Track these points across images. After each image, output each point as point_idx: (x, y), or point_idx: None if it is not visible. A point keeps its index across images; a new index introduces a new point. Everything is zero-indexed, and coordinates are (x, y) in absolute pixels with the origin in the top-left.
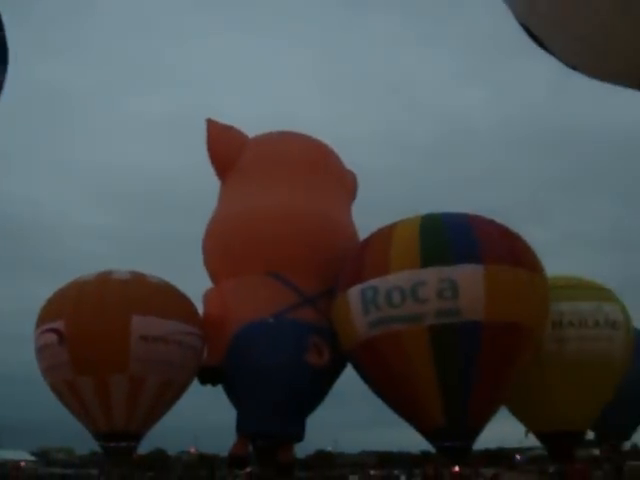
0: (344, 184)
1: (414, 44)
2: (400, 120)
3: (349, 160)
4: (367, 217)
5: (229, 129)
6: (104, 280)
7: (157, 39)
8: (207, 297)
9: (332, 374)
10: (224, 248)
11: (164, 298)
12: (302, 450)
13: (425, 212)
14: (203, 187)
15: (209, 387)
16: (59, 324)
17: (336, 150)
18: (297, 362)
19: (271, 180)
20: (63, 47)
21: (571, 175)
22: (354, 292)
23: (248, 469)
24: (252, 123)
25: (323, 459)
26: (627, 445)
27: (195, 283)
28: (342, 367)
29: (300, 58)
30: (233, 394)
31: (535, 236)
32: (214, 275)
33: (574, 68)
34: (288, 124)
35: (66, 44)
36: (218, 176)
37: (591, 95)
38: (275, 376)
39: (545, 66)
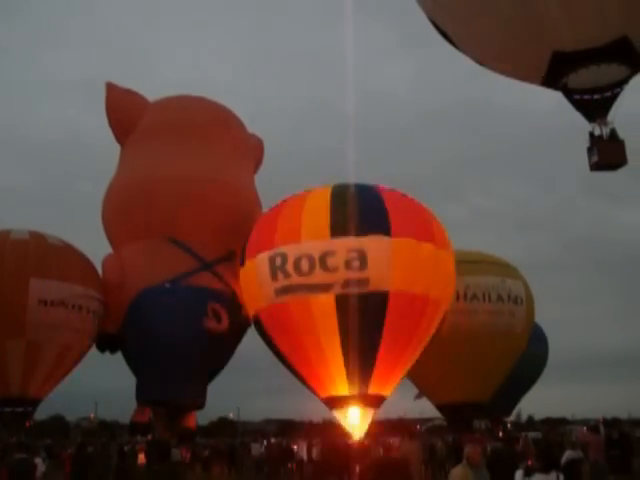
0: (246, 148)
1: (343, 17)
2: (324, 93)
3: (272, 132)
4: (287, 189)
5: (128, 93)
6: (2, 241)
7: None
8: (106, 263)
9: (232, 340)
10: (123, 213)
11: (64, 260)
12: (204, 417)
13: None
14: (111, 150)
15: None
16: None
17: (259, 122)
18: (195, 328)
19: (170, 145)
20: None
21: (485, 154)
22: (262, 258)
23: (150, 436)
24: (173, 90)
25: (225, 426)
26: (523, 418)
27: (99, 246)
28: (243, 333)
29: (228, 27)
30: (132, 361)
31: (447, 212)
32: (113, 240)
33: (481, 64)
34: (210, 93)
35: None
36: (117, 140)
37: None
38: (173, 343)
39: None
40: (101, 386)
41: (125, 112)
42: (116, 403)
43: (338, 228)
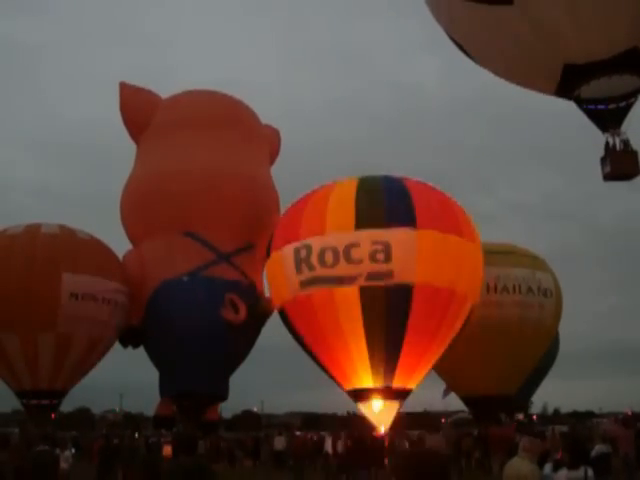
0: (259, 139)
1: (373, 13)
2: (354, 89)
3: (302, 127)
4: (318, 181)
5: (141, 92)
6: (33, 234)
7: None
8: (126, 259)
9: (251, 331)
10: (140, 210)
11: (93, 255)
12: (229, 410)
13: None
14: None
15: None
16: None
17: (290, 117)
18: (213, 319)
19: (183, 140)
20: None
21: (514, 146)
22: (288, 250)
23: (175, 429)
24: (207, 87)
25: (249, 420)
26: (549, 411)
27: (123, 241)
28: (262, 324)
29: (259, 25)
30: (153, 354)
31: (475, 204)
32: (132, 236)
33: (497, 74)
34: (243, 91)
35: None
36: (132, 138)
37: None
38: (190, 334)
39: None
40: (126, 379)
41: (139, 110)
42: (141, 396)
43: (363, 220)
